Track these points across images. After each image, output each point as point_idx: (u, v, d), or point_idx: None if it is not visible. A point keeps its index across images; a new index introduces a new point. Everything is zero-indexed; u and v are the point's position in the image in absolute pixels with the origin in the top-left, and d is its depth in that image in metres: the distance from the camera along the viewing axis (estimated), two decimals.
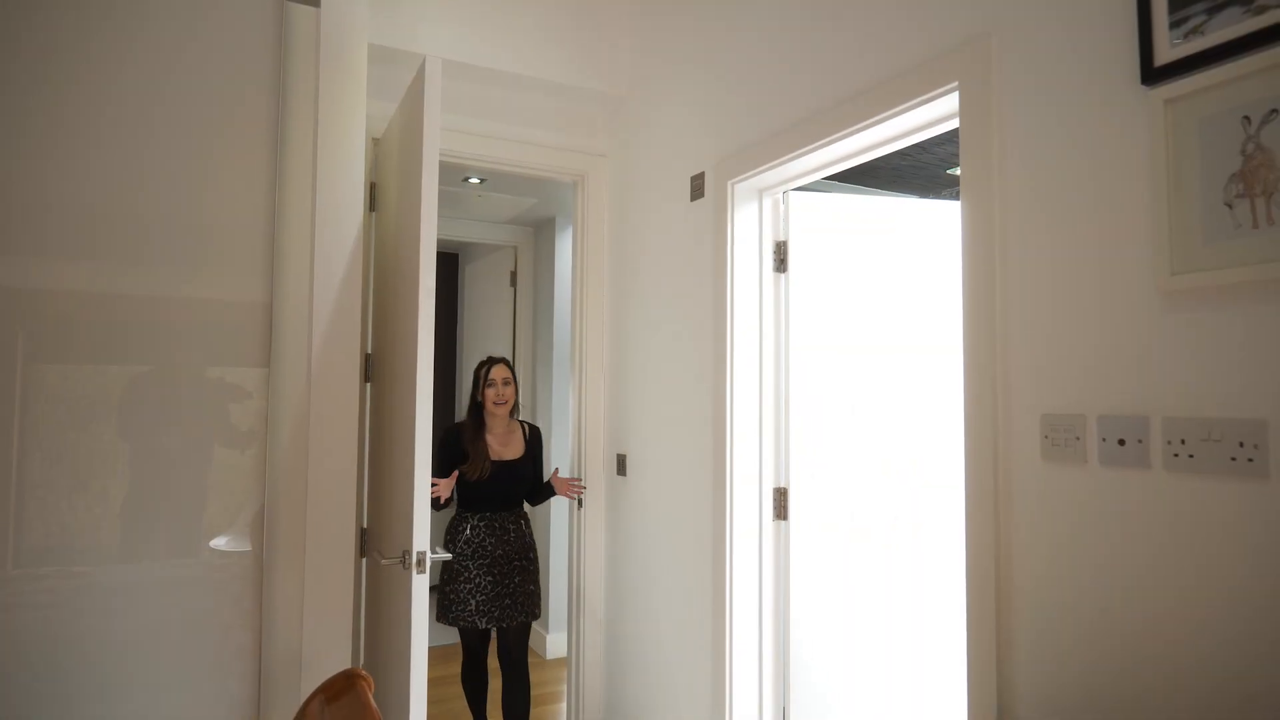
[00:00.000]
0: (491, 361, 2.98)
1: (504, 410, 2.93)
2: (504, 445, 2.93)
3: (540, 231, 4.60)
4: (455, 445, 2.88)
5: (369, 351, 2.63)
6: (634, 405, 2.88)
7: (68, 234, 1.93)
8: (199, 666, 2.03)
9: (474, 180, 3.82)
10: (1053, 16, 1.46)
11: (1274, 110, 1.13)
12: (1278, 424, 1.12)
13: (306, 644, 2.13)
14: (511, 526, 2.90)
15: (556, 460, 4.32)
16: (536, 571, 2.95)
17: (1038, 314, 1.47)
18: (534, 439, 3.04)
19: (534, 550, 2.98)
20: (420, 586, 1.99)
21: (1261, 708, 1.12)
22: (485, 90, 2.86)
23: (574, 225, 3.20)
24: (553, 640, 4.25)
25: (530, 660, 4.20)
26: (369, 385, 2.63)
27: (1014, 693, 1.47)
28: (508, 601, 2.81)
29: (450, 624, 2.82)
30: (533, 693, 3.80)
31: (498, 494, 2.87)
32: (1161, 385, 1.26)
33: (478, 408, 2.95)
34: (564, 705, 3.57)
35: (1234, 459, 1.16)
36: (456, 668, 4.02)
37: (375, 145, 2.69)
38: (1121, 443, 1.31)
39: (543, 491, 3.02)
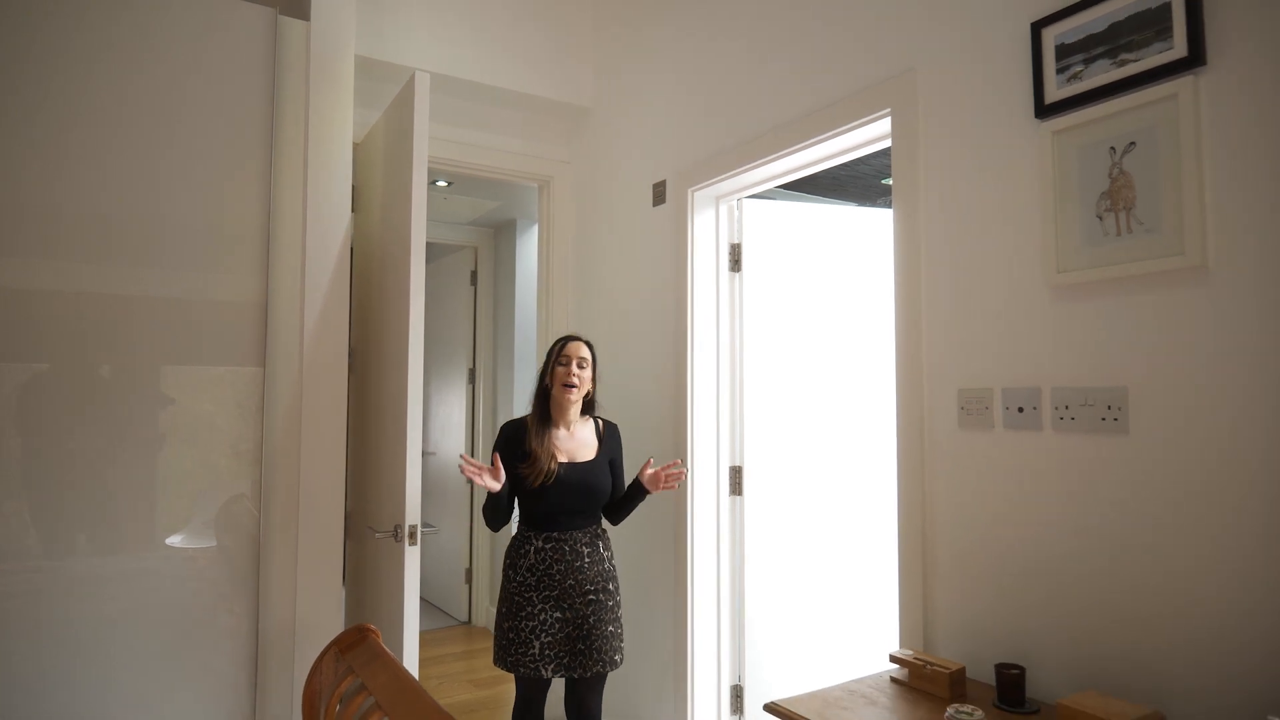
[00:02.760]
0: (573, 337, 2.36)
1: (574, 398, 2.30)
2: (574, 444, 2.33)
3: (501, 233, 4.78)
4: (516, 443, 2.30)
5: (350, 345, 2.78)
6: (599, 395, 3.09)
7: (79, 238, 2.05)
8: (205, 638, 2.17)
9: (440, 183, 3.98)
10: (967, 57, 1.75)
11: (1133, 143, 1.43)
12: (1135, 390, 1.42)
13: (300, 616, 2.29)
14: (586, 549, 2.27)
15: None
16: (618, 607, 2.30)
17: (954, 306, 1.75)
18: (610, 436, 2.41)
19: (615, 580, 2.32)
20: (412, 558, 2.18)
21: (1127, 601, 1.42)
22: (456, 99, 3.05)
23: (539, 227, 3.40)
24: None
25: (490, 644, 4.39)
26: (350, 376, 2.79)
27: (936, 617, 1.75)
28: (581, 646, 2.21)
29: (508, 669, 2.23)
30: (496, 673, 3.98)
31: (567, 505, 2.26)
32: (1050, 362, 1.56)
33: (544, 395, 2.35)
34: None
35: (1103, 419, 1.46)
36: (441, 650, 4.19)
37: (355, 150, 2.84)
38: (1020, 410, 1.60)
39: (630, 499, 2.37)
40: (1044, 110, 1.57)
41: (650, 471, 2.29)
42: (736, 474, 2.63)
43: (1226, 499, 1.30)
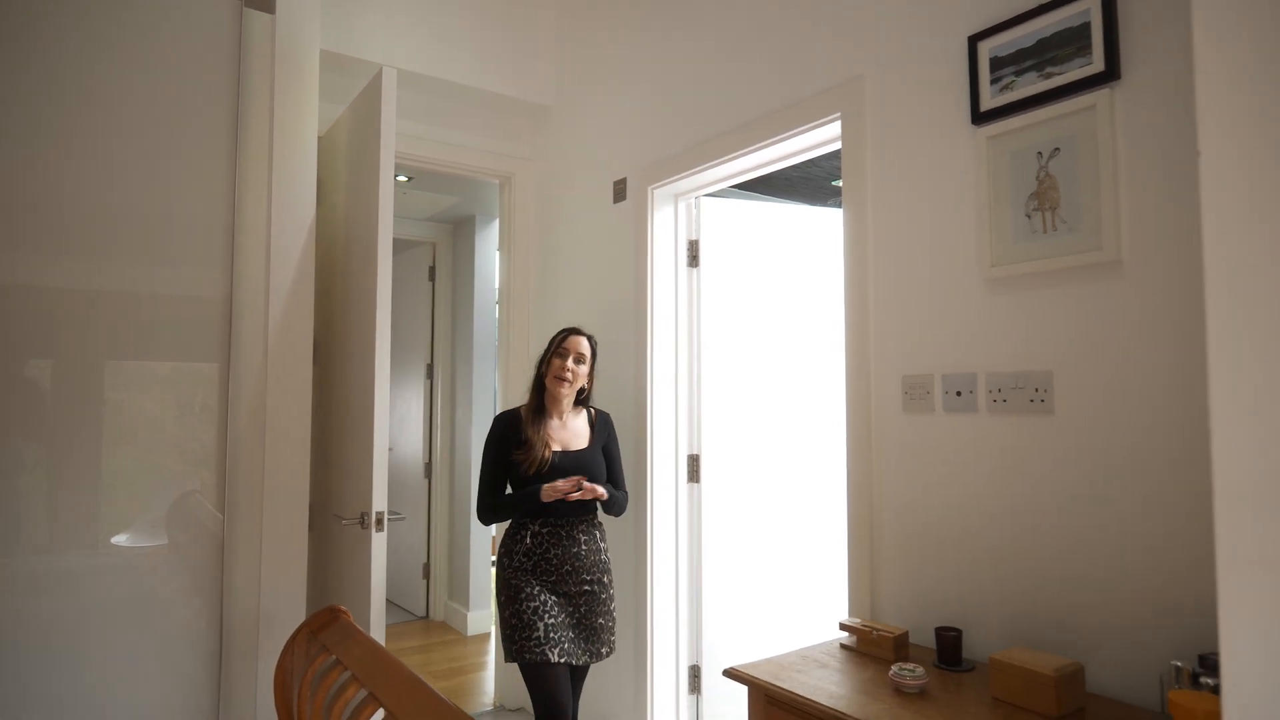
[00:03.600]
0: (575, 331, 2.37)
1: (568, 390, 2.32)
2: (567, 433, 2.35)
3: (460, 229, 4.81)
4: (512, 430, 2.31)
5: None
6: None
7: (32, 229, 2.04)
8: (163, 632, 2.17)
9: (401, 178, 3.99)
10: (911, 66, 1.88)
11: (1057, 148, 1.57)
12: (1060, 374, 1.56)
13: (264, 606, 2.30)
14: (583, 537, 2.27)
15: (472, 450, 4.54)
16: (611, 600, 2.29)
17: (899, 298, 1.88)
18: (603, 425, 2.44)
19: (610, 574, 2.32)
20: (379, 545, 2.22)
21: (1052, 566, 1.56)
22: (419, 94, 3.08)
23: (500, 223, 3.46)
24: (474, 618, 4.46)
25: (448, 638, 4.41)
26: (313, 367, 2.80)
27: (881, 587, 1.87)
28: (572, 634, 2.20)
29: (514, 659, 2.16)
30: (455, 665, 4.01)
31: None
32: (985, 349, 1.69)
33: (540, 384, 2.35)
34: (489, 672, 3.81)
35: (1031, 400, 1.59)
36: (398, 644, 4.18)
37: (318, 143, 2.86)
38: (959, 394, 1.73)
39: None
40: (980, 117, 1.71)
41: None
42: (694, 462, 2.73)
43: (1140, 472, 1.44)
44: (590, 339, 2.38)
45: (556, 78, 3.27)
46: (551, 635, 2.14)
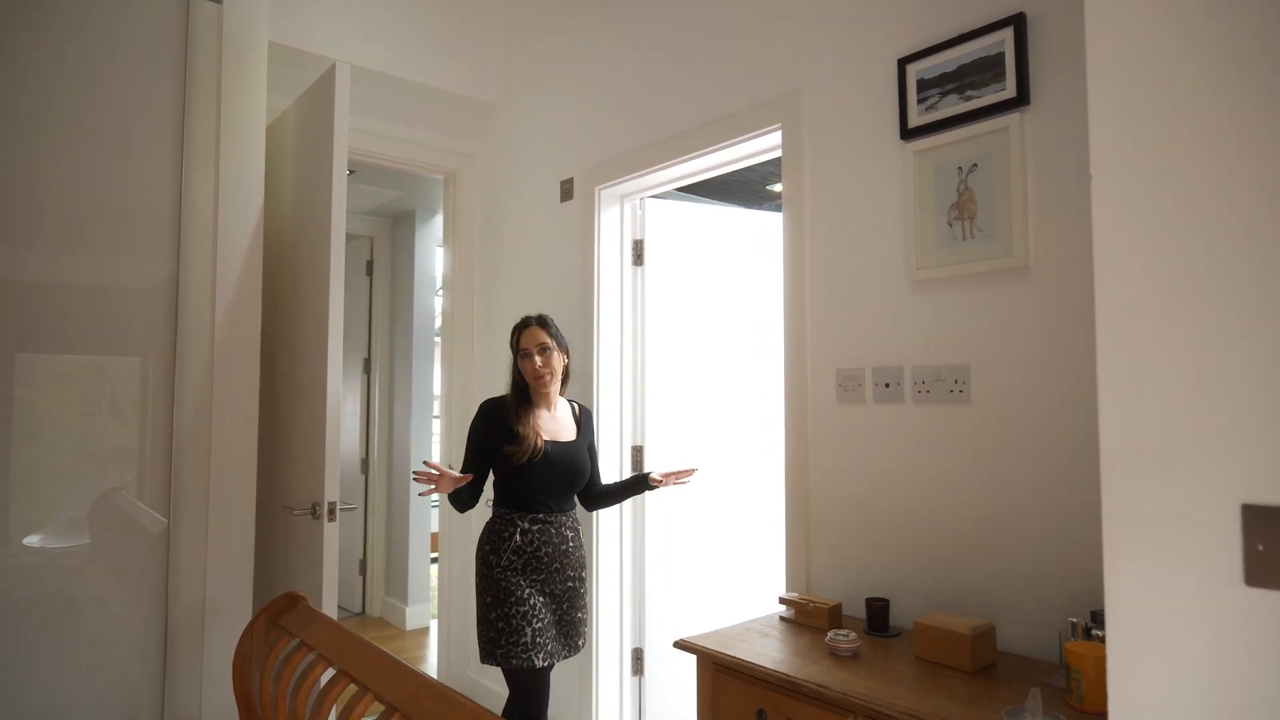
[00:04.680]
0: (525, 324, 2.28)
1: (552, 384, 2.25)
2: (555, 424, 2.28)
3: (399, 223, 4.78)
4: (498, 422, 2.21)
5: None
6: (503, 382, 3.22)
7: None
8: (98, 630, 2.15)
9: None
10: (847, 83, 2.03)
11: (975, 164, 1.74)
12: (976, 367, 1.73)
13: (210, 599, 2.29)
14: (570, 534, 2.24)
15: (425, 444, 4.54)
16: (587, 593, 2.30)
17: (833, 298, 2.03)
18: (586, 421, 2.39)
19: (588, 568, 2.35)
20: (331, 535, 2.25)
21: (969, 539, 1.73)
22: (364, 88, 3.08)
23: (445, 219, 3.49)
24: (412, 613, 4.46)
25: (387, 633, 4.40)
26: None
27: (816, 564, 2.03)
28: (555, 631, 2.17)
29: (498, 663, 2.09)
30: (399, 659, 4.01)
31: (551, 486, 2.20)
32: (911, 345, 1.85)
33: (519, 381, 2.28)
34: (430, 666, 3.83)
35: (951, 391, 1.77)
36: None
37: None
38: (887, 386, 1.89)
39: (626, 491, 2.38)
40: (908, 133, 1.87)
41: (667, 473, 2.32)
42: (638, 453, 2.84)
43: (1045, 453, 1.62)
44: (540, 319, 2.28)
45: (504, 77, 3.33)
46: (538, 640, 2.09)
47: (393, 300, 4.80)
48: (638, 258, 2.87)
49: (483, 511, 2.38)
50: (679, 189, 2.92)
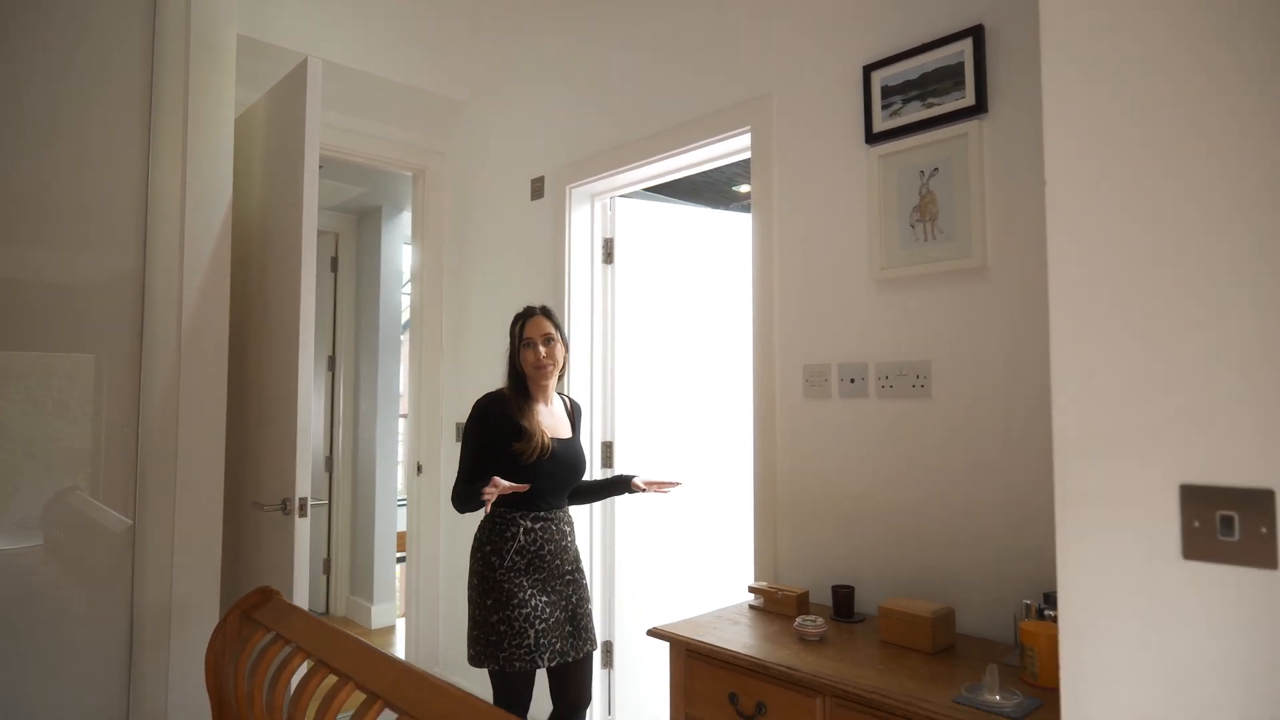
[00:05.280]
0: (529, 313, 2.23)
1: (554, 375, 2.21)
2: (554, 420, 2.24)
3: (364, 219, 4.75)
4: (501, 417, 2.14)
5: None
6: (475, 379, 3.23)
7: None
8: (58, 632, 2.12)
9: None
10: (815, 88, 2.10)
11: (936, 168, 1.82)
12: (936, 363, 1.81)
13: (177, 596, 2.27)
14: (568, 529, 2.21)
15: (391, 433, 4.51)
16: (587, 587, 2.24)
17: (800, 296, 2.09)
18: (577, 414, 2.36)
19: (581, 560, 2.27)
20: (302, 530, 2.24)
21: (930, 527, 1.80)
22: (332, 83, 3.06)
23: (413, 216, 3.49)
24: (378, 611, 4.43)
25: (353, 631, 4.37)
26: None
27: (784, 554, 2.09)
28: (569, 628, 2.11)
29: (499, 666, 2.03)
30: None
31: (554, 484, 2.15)
32: (875, 342, 1.93)
33: (516, 374, 2.21)
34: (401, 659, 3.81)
35: (914, 386, 1.84)
36: None
37: None
38: (852, 381, 1.96)
39: (607, 489, 2.34)
40: (872, 138, 1.94)
41: (647, 481, 2.27)
42: (608, 449, 2.87)
43: (1002, 444, 1.70)
44: (544, 309, 2.23)
45: (473, 74, 3.34)
46: (542, 641, 2.04)
47: (358, 297, 4.76)
48: (608, 256, 2.91)
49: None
50: (648, 189, 2.96)
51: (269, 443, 2.42)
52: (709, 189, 4.21)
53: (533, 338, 2.17)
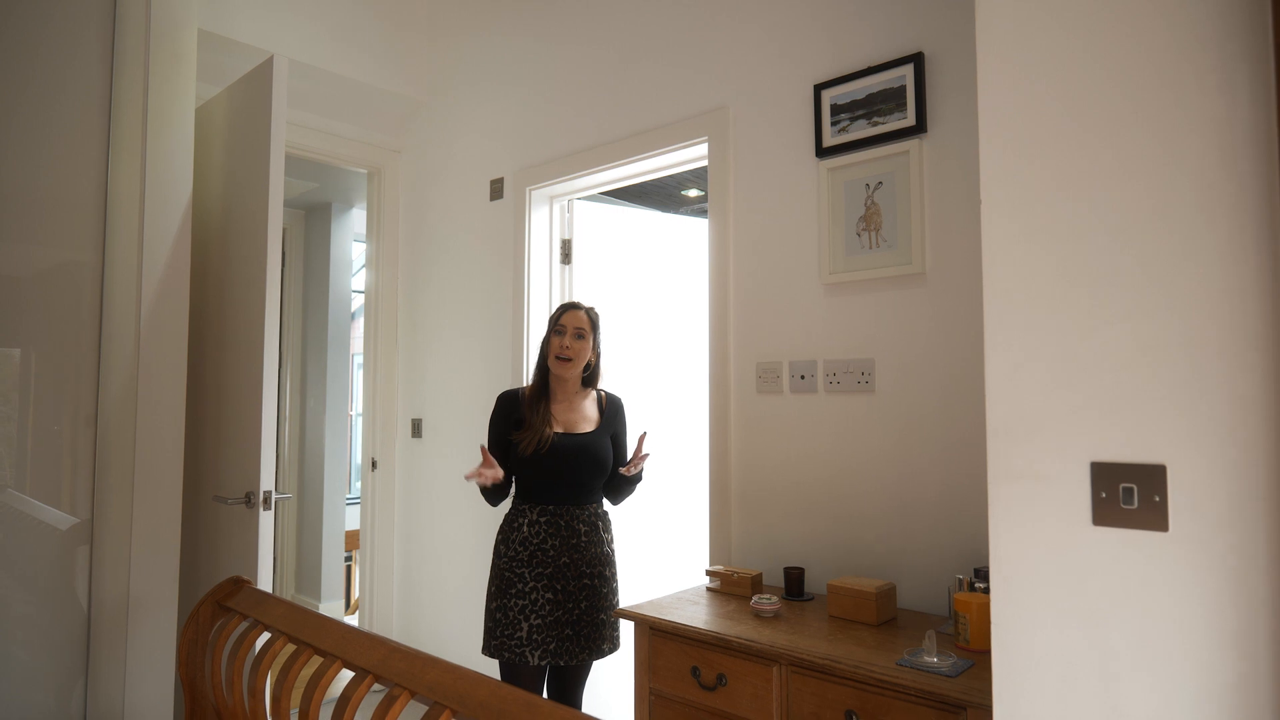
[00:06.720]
0: (574, 306, 2.26)
1: (571, 370, 2.20)
2: (573, 415, 2.23)
3: (313, 215, 4.71)
4: (512, 411, 2.21)
5: None
6: (431, 375, 3.28)
7: None
8: (8, 625, 2.09)
9: None
10: (769, 102, 2.23)
11: (880, 182, 1.98)
12: (879, 361, 1.97)
13: (134, 591, 2.26)
14: (583, 526, 2.15)
15: (340, 434, 4.48)
16: (612, 594, 2.18)
17: (754, 298, 2.23)
18: (612, 411, 2.31)
19: (613, 567, 2.20)
20: (265, 523, 2.27)
21: (873, 511, 1.96)
22: (292, 80, 3.07)
23: (369, 214, 3.50)
24: (326, 609, 4.40)
25: None
26: None
27: (738, 539, 2.22)
28: (569, 632, 2.07)
29: (492, 655, 2.07)
30: None
31: (564, 479, 2.14)
32: (823, 341, 2.08)
33: (544, 368, 2.24)
34: None
35: (859, 382, 1.99)
36: None
37: None
38: (802, 378, 2.11)
39: (627, 481, 2.27)
40: (822, 152, 2.09)
41: (624, 467, 2.22)
42: None
43: (938, 434, 1.87)
44: (589, 311, 2.25)
45: (431, 74, 3.38)
46: (535, 636, 2.04)
47: (305, 293, 4.72)
48: (566, 257, 3.00)
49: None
50: (604, 193, 3.07)
51: (230, 436, 2.43)
52: (658, 193, 4.33)
53: (566, 326, 2.21)
